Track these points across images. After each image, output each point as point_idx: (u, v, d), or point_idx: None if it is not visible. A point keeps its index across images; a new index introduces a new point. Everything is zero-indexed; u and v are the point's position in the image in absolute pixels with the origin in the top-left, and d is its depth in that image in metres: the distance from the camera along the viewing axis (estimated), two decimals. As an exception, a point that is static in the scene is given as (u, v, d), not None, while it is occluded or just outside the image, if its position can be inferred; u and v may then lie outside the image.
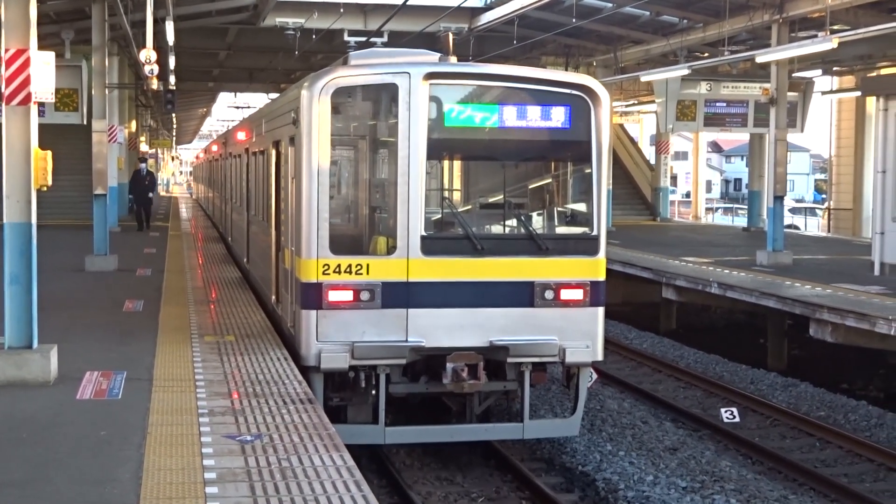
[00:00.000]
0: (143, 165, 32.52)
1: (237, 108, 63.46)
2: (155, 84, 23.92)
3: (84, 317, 14.37)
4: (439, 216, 11.78)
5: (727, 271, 21.55)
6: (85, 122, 25.86)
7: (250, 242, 18.60)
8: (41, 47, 10.42)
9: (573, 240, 12.01)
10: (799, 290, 18.41)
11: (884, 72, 33.18)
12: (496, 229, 12.25)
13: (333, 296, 11.12)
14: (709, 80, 30.69)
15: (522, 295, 11.47)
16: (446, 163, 12.38)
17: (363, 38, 17.41)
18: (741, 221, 43.27)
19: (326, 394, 11.28)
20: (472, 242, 11.40)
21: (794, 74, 30.22)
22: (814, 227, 44.84)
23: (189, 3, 27.26)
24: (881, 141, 21.00)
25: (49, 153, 10.23)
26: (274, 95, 37.37)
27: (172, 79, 30.65)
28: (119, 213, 31.64)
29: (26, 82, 9.94)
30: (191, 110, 75.38)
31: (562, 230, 12.35)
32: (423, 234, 11.23)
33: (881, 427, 14.83)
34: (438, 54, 12.23)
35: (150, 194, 32.70)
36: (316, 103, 11.07)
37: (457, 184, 12.73)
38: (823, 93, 38.23)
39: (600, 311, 11.76)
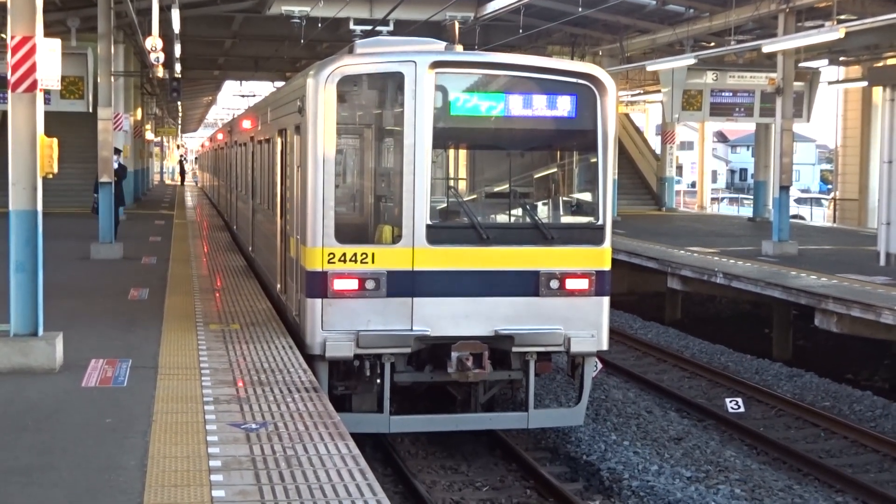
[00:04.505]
0: (116, 158, 23.37)
1: (242, 96, 63.39)
2: (160, 72, 23.96)
3: (89, 305, 14.38)
4: (445, 205, 11.77)
5: (732, 261, 21.54)
6: (90, 110, 25.88)
7: (255, 231, 18.61)
8: (47, 35, 10.41)
9: (578, 229, 11.99)
10: (804, 281, 18.40)
11: (890, 62, 33.11)
12: (502, 218, 12.25)
13: (339, 284, 11.11)
14: (715, 70, 30.70)
15: (528, 284, 11.46)
16: (452, 152, 12.37)
17: (369, 27, 17.37)
18: (746, 211, 43.26)
19: (331, 382, 11.28)
20: (477, 232, 11.38)
21: (800, 64, 30.23)
22: (819, 217, 44.83)
23: (195, -9, 27.27)
24: (887, 131, 20.98)
25: (55, 140, 10.22)
26: (279, 84, 37.36)
27: (178, 67, 30.65)
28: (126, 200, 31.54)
29: (32, 69, 9.92)
30: (196, 98, 75.40)
31: (567, 220, 12.33)
32: (429, 223, 11.21)
33: (886, 417, 14.83)
34: (444, 43, 12.18)
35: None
36: (321, 92, 11.05)
37: (462, 173, 12.72)
38: (830, 83, 38.17)
39: (605, 300, 11.74)
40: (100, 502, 6.51)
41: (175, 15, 22.65)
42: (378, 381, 11.37)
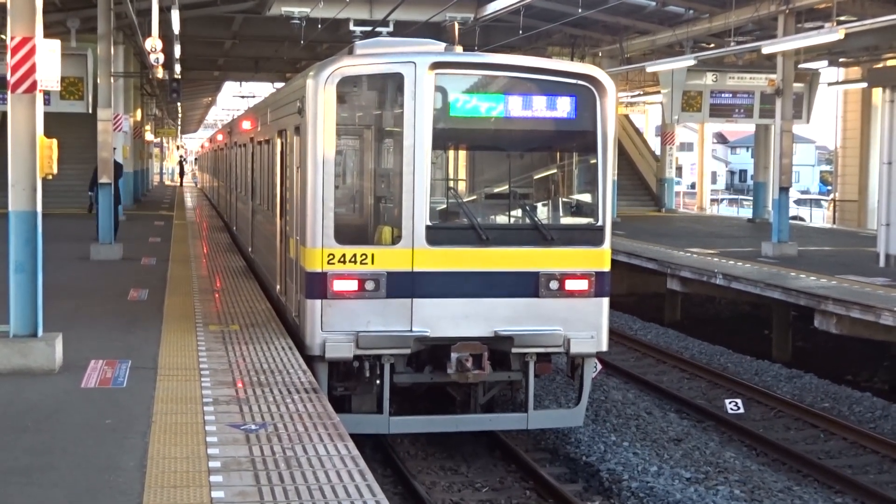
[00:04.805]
0: None
1: (242, 97, 63.43)
2: (160, 73, 23.94)
3: (89, 305, 14.38)
4: (444, 206, 11.76)
5: (732, 262, 21.54)
6: (90, 111, 25.87)
7: (255, 232, 18.61)
8: (47, 35, 10.41)
9: (578, 230, 11.99)
10: (804, 282, 18.40)
11: (890, 63, 33.12)
12: (501, 219, 12.24)
13: (338, 285, 11.11)
14: (715, 71, 30.71)
15: (527, 285, 11.46)
16: (451, 153, 12.37)
17: (369, 28, 17.37)
18: (746, 213, 43.27)
19: (331, 383, 11.27)
20: (477, 232, 11.38)
21: (800, 65, 30.21)
22: (819, 218, 44.83)
23: (195, -8, 27.28)
24: (887, 132, 20.99)
25: (54, 141, 10.22)
26: (279, 85, 37.37)
27: (178, 68, 30.61)
28: (125, 201, 31.54)
29: (32, 70, 9.93)
30: (196, 99, 75.43)
31: (567, 220, 12.33)
32: (429, 223, 11.21)
33: (885, 418, 14.82)
34: (444, 44, 12.19)
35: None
36: (321, 92, 11.05)
37: (462, 174, 12.72)
38: (829, 84, 38.19)
39: (605, 301, 11.74)
40: (99, 503, 6.51)
41: (175, 16, 22.64)
42: (378, 381, 11.36)
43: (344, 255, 11.11)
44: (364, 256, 11.15)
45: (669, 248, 24.34)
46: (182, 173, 76.54)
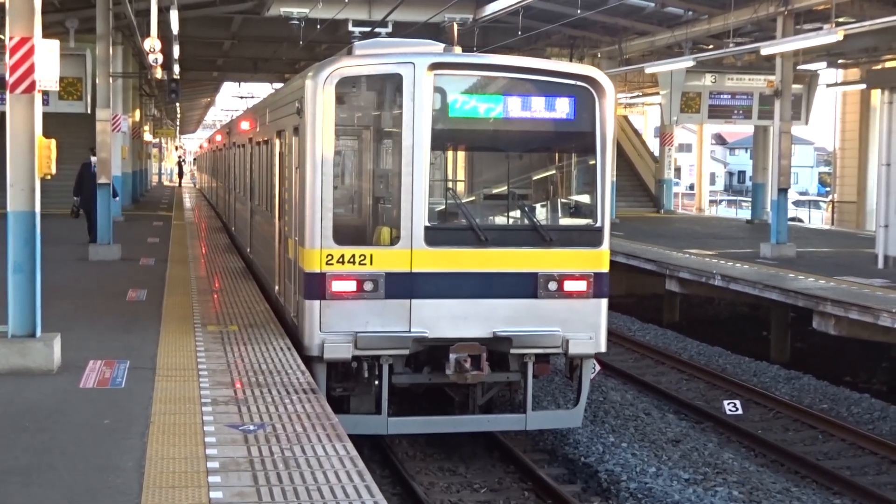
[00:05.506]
0: (95, 159, 21.79)
1: (241, 98, 63.45)
2: (159, 73, 23.94)
3: (87, 306, 14.37)
4: (443, 207, 11.76)
5: (731, 263, 21.54)
6: (89, 111, 25.86)
7: (253, 232, 18.61)
8: (45, 36, 10.41)
9: (577, 231, 11.99)
10: (802, 283, 18.40)
11: (889, 65, 33.14)
12: (500, 220, 12.24)
13: (337, 286, 11.11)
14: (713, 72, 30.76)
15: (526, 286, 11.46)
16: (450, 153, 12.36)
17: (367, 29, 17.36)
18: (745, 214, 43.29)
19: (329, 384, 11.27)
20: (475, 233, 11.38)
21: (798, 67, 30.23)
22: (817, 219, 44.88)
23: (193, -8, 27.27)
24: (886, 134, 21.01)
25: (53, 142, 10.22)
26: (278, 85, 37.38)
27: (177, 68, 30.60)
28: (123, 202, 31.53)
29: (31, 70, 9.92)
30: (195, 100, 75.39)
31: (566, 221, 12.33)
32: (427, 224, 11.21)
33: (884, 420, 14.83)
34: (443, 45, 12.19)
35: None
36: (320, 93, 11.05)
37: (461, 174, 12.72)
38: (828, 85, 38.22)
39: (604, 302, 11.75)
40: (98, 503, 6.51)
41: (174, 16, 22.64)
42: (376, 382, 11.36)
43: (342, 256, 11.11)
44: (363, 257, 11.15)
45: (668, 249, 24.35)
46: (181, 174, 76.67)
